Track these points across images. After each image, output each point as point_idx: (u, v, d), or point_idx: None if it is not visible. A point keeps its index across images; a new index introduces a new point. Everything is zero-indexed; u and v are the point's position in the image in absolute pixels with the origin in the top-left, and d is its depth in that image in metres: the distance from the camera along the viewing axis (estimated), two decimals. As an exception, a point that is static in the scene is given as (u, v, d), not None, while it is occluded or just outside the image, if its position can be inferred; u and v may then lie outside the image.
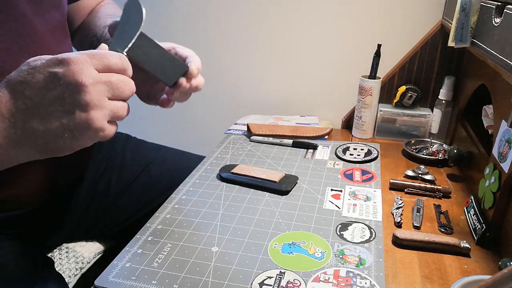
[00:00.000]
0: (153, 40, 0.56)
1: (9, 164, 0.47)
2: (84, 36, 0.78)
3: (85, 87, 0.43)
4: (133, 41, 0.52)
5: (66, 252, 0.75)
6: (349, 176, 0.82)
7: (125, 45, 0.52)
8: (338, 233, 0.64)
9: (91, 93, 0.44)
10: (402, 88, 1.03)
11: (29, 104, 0.43)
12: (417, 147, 0.96)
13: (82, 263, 0.74)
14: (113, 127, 0.47)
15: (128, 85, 0.48)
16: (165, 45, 0.63)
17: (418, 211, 0.71)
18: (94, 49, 0.76)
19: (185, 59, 0.61)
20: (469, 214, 0.69)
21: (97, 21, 0.77)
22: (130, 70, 0.49)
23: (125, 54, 0.51)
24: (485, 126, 0.80)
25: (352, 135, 1.07)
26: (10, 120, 0.43)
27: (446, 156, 0.89)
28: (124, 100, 0.49)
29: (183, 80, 0.58)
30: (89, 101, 0.43)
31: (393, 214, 0.70)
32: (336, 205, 0.72)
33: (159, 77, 0.58)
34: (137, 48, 0.53)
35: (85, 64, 0.44)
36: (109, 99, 0.46)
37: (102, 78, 0.45)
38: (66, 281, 0.68)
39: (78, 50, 0.81)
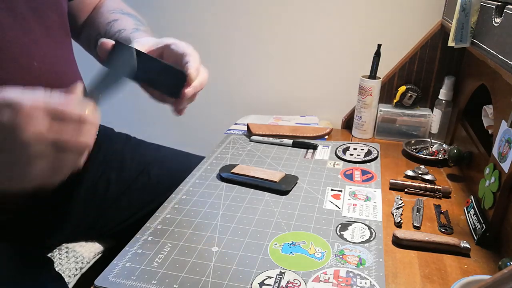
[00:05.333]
0: (147, 55, 0.54)
1: None
2: (90, 34, 0.78)
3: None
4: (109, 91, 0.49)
5: (66, 252, 0.75)
6: (349, 176, 0.82)
7: (102, 92, 0.49)
8: (338, 233, 0.64)
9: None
10: (402, 88, 1.03)
11: None
12: (417, 147, 0.96)
13: (82, 263, 0.74)
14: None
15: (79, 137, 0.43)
16: (162, 41, 0.62)
17: (418, 211, 0.71)
18: (100, 56, 0.76)
19: (182, 58, 0.59)
20: (469, 214, 0.69)
21: (100, 17, 0.77)
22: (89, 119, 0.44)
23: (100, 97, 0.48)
24: (485, 126, 0.80)
25: (352, 135, 1.07)
26: None
27: (446, 156, 0.89)
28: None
29: (186, 90, 0.57)
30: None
31: (393, 214, 0.70)
32: (336, 205, 0.72)
33: (163, 93, 0.57)
34: (138, 66, 0.52)
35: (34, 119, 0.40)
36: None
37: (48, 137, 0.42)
38: (66, 281, 0.68)
39: (85, 49, 0.82)
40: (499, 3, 0.61)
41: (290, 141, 0.97)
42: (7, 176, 0.43)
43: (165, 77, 0.56)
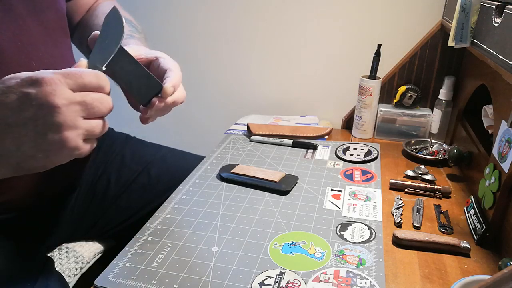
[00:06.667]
0: (131, 56, 0.54)
1: None
2: (83, 35, 0.78)
3: (58, 108, 0.43)
4: (112, 56, 0.51)
5: (66, 252, 0.75)
6: (349, 176, 0.82)
7: (105, 60, 0.51)
8: (338, 233, 0.64)
9: (64, 114, 0.43)
10: (402, 88, 1.03)
11: (2, 124, 0.43)
12: (417, 147, 0.96)
13: (82, 263, 0.74)
14: (88, 145, 0.47)
15: (104, 103, 0.47)
16: (150, 53, 0.62)
17: (418, 211, 0.71)
18: (91, 49, 0.76)
19: (165, 73, 0.59)
20: (469, 214, 0.69)
21: (95, 19, 0.77)
22: (107, 87, 0.48)
23: (104, 69, 0.50)
24: (485, 126, 0.80)
25: (352, 135, 1.07)
26: None
27: (446, 156, 0.89)
28: (101, 117, 0.48)
29: (155, 100, 0.56)
30: (62, 123, 0.43)
31: (393, 214, 0.70)
32: (336, 205, 0.72)
33: (132, 95, 0.57)
34: (115, 63, 0.52)
35: (58, 85, 0.43)
36: (84, 118, 0.45)
37: (76, 98, 0.44)
38: (66, 280, 0.68)
39: (78, 48, 0.81)
40: (499, 3, 0.61)
41: (290, 141, 0.97)
42: (38, 150, 0.44)
43: (141, 83, 0.56)
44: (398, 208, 0.71)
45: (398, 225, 0.67)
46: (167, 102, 0.58)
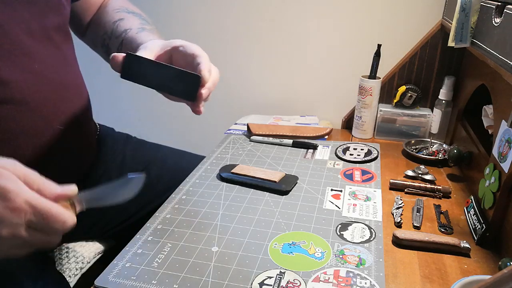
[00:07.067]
0: (161, 63, 0.56)
1: None
2: (95, 34, 0.78)
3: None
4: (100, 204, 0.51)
5: (66, 252, 0.75)
6: (349, 176, 0.82)
7: (91, 205, 0.51)
8: (338, 233, 0.64)
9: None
10: (402, 88, 1.03)
11: None
12: (417, 147, 0.96)
13: (82, 263, 0.74)
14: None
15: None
16: (170, 43, 0.63)
17: (418, 211, 0.71)
18: (107, 47, 0.76)
19: (192, 60, 0.60)
20: (469, 214, 0.69)
21: (106, 16, 0.77)
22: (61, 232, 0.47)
23: (84, 209, 0.50)
24: (485, 126, 0.80)
25: (352, 135, 1.07)
26: None
27: (446, 156, 0.89)
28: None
29: (202, 92, 0.58)
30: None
31: (393, 214, 0.70)
32: (336, 205, 0.72)
33: (178, 96, 0.58)
34: (152, 74, 0.53)
35: (21, 219, 0.43)
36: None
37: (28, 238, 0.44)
38: (67, 280, 0.68)
39: (90, 46, 0.82)
40: (499, 3, 0.61)
41: (290, 141, 0.97)
42: None
43: (179, 82, 0.57)
44: (398, 208, 0.72)
45: (398, 225, 0.67)
46: (210, 88, 0.59)
